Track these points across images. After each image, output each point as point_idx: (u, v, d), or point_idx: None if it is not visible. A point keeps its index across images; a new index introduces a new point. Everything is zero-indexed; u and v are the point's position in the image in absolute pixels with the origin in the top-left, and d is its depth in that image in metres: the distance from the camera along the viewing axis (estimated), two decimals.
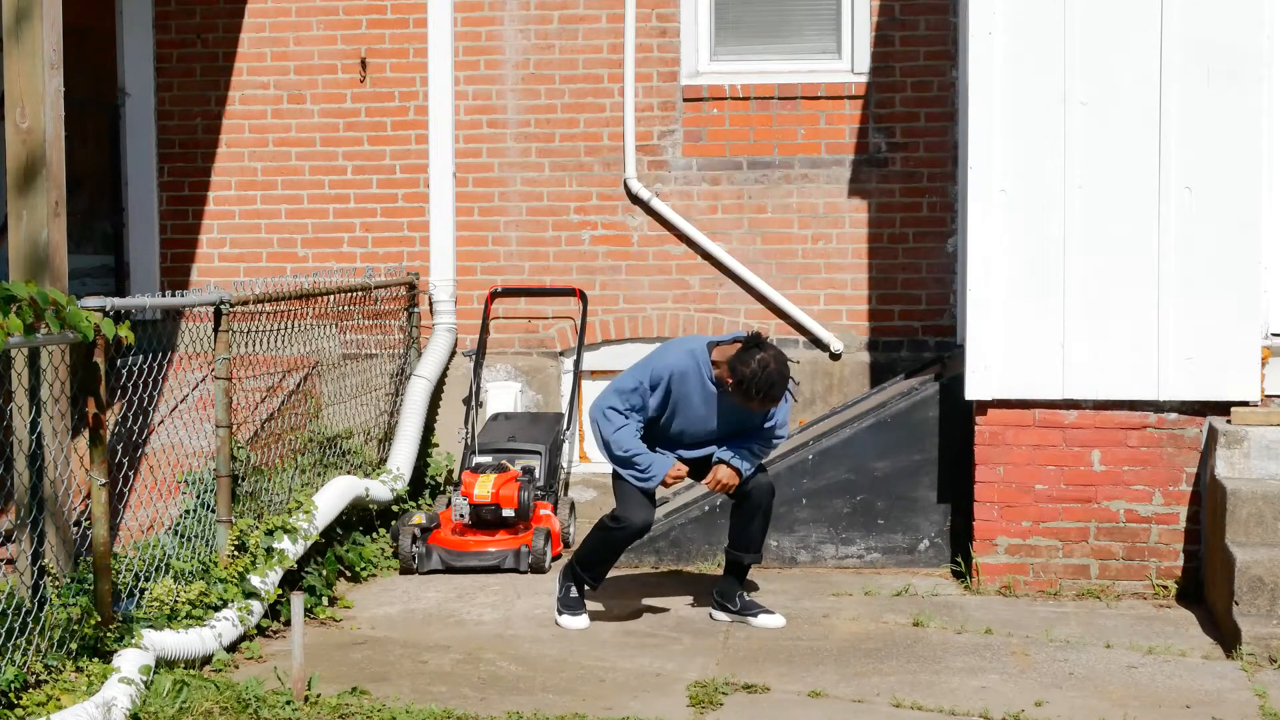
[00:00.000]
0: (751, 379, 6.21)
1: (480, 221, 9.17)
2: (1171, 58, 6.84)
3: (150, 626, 5.75)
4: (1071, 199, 6.95)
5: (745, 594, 6.71)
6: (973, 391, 7.08)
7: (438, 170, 9.13)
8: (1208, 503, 6.88)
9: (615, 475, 6.60)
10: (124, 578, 6.14)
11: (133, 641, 5.56)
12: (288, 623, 6.52)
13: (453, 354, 9.18)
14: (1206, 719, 5.34)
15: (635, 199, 9.01)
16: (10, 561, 6.23)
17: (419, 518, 7.75)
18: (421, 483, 8.85)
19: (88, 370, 5.71)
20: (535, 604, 7.00)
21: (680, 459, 6.57)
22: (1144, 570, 7.03)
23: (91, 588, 5.78)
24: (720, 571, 6.97)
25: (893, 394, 7.90)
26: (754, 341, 6.28)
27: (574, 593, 6.68)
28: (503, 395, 9.04)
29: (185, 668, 5.77)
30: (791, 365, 7.71)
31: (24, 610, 5.48)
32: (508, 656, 6.18)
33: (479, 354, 8.97)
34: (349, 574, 7.47)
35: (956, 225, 8.70)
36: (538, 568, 7.58)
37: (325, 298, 8.09)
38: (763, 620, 6.59)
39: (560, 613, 6.63)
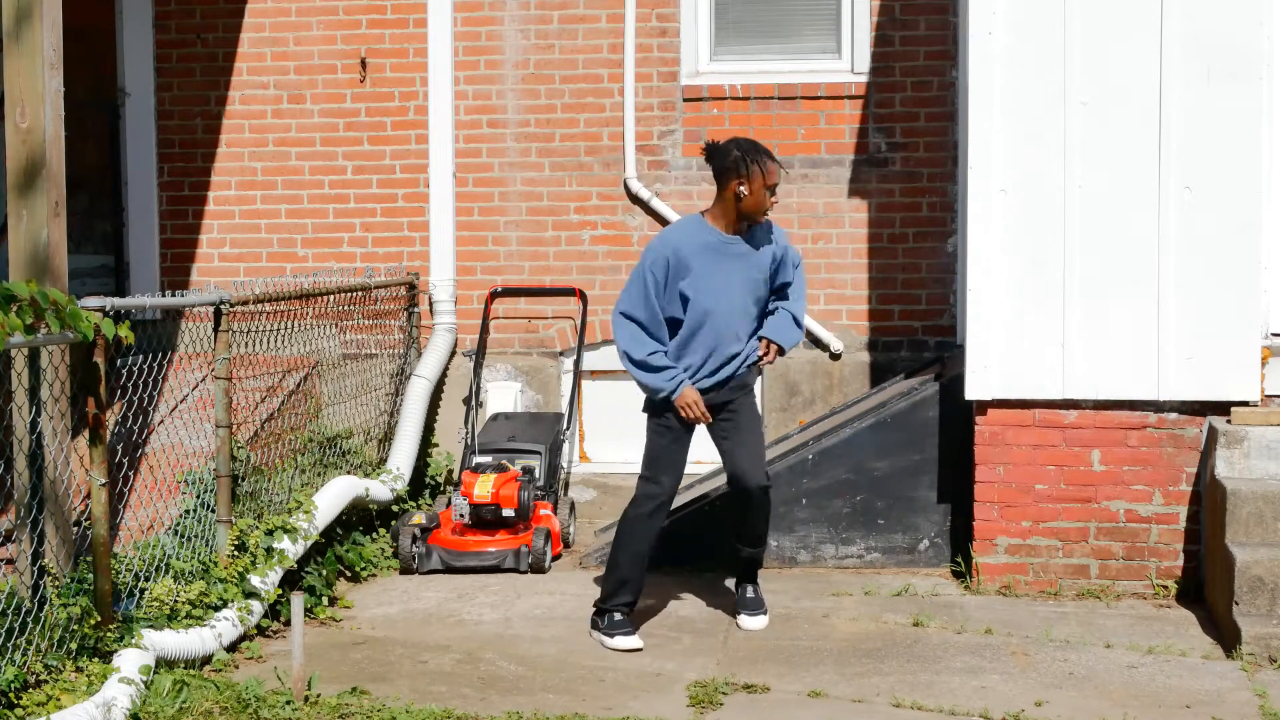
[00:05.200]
0: (733, 143, 6.25)
1: (480, 221, 9.17)
2: (1172, 57, 6.84)
3: (150, 626, 5.75)
4: (1071, 199, 6.95)
5: (748, 591, 6.69)
6: (973, 391, 7.08)
7: (438, 170, 9.13)
8: (1208, 503, 6.88)
9: (648, 431, 6.38)
10: (124, 578, 6.14)
11: (133, 641, 5.56)
12: (288, 623, 6.52)
13: (453, 354, 9.18)
14: (1206, 719, 5.34)
15: (635, 199, 9.01)
16: (10, 561, 6.24)
17: (419, 518, 7.75)
18: (421, 483, 8.85)
19: (88, 370, 5.71)
20: (535, 604, 7.00)
21: (712, 384, 6.34)
22: (1144, 570, 7.04)
23: (91, 588, 5.78)
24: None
25: (893, 394, 7.90)
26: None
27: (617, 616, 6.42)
28: (503, 395, 9.04)
29: (185, 668, 5.77)
30: (792, 365, 7.70)
31: (24, 610, 5.48)
32: (508, 656, 6.18)
33: (479, 354, 8.97)
34: (349, 574, 7.47)
35: (956, 225, 8.70)
36: (538, 568, 7.58)
37: (325, 298, 8.09)
38: (743, 619, 6.58)
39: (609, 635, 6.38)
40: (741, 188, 6.22)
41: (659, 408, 6.35)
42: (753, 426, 6.49)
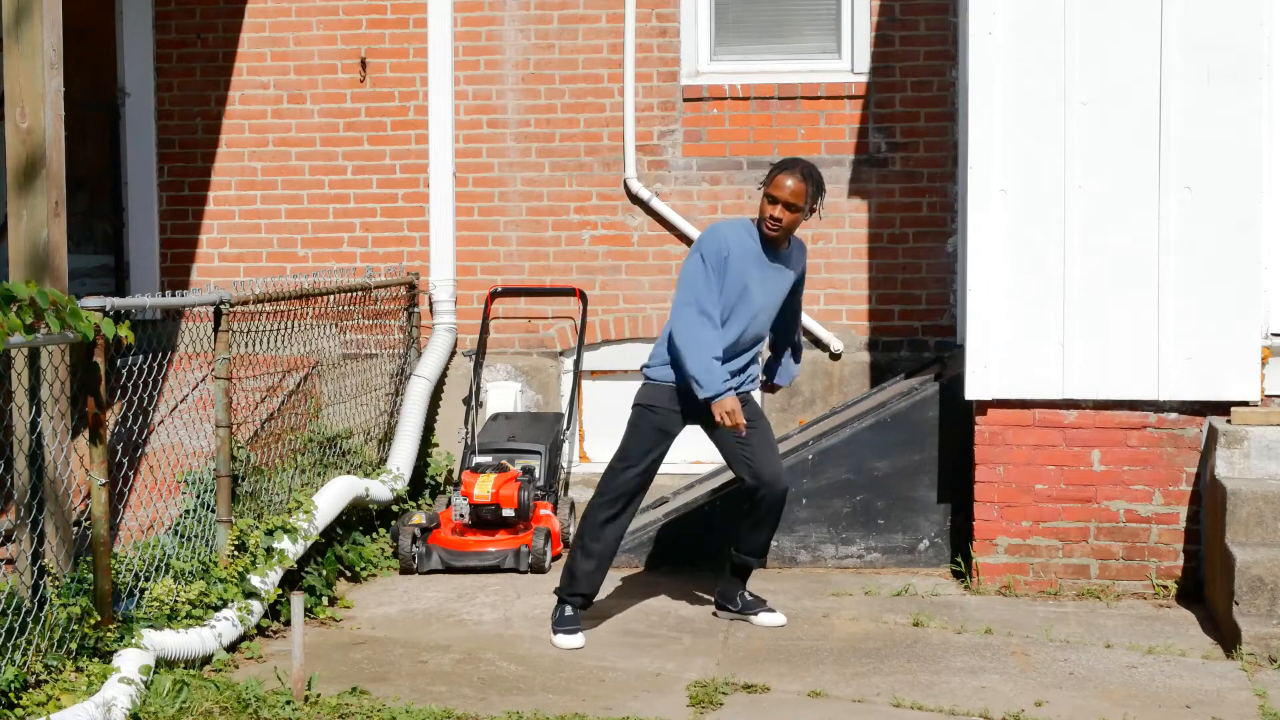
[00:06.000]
0: (778, 163, 6.42)
1: (480, 221, 9.17)
2: (1171, 58, 6.84)
3: (150, 626, 5.75)
4: (1071, 199, 6.95)
5: (748, 593, 6.71)
6: (973, 391, 7.08)
7: (438, 170, 9.13)
8: (1208, 503, 6.88)
9: (631, 424, 6.39)
10: (124, 578, 6.14)
11: (133, 641, 5.56)
12: (288, 623, 6.52)
13: (453, 354, 9.18)
14: (1206, 719, 5.34)
15: (635, 199, 9.01)
16: (10, 561, 6.24)
17: (419, 518, 7.76)
18: (421, 483, 8.85)
19: (88, 370, 5.71)
20: (535, 604, 7.00)
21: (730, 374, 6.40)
22: (1144, 570, 7.04)
23: (91, 588, 5.78)
24: (723, 569, 6.95)
25: (893, 394, 7.90)
26: None
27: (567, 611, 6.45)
28: (503, 395, 9.04)
29: (185, 668, 5.77)
30: None
31: (24, 610, 5.48)
32: (508, 656, 6.18)
33: (479, 354, 8.97)
34: (349, 574, 7.47)
35: (956, 225, 8.70)
36: (538, 568, 7.58)
37: (325, 298, 8.09)
38: (763, 618, 6.59)
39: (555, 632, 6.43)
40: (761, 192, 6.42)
41: (662, 407, 6.34)
42: (769, 431, 6.55)
